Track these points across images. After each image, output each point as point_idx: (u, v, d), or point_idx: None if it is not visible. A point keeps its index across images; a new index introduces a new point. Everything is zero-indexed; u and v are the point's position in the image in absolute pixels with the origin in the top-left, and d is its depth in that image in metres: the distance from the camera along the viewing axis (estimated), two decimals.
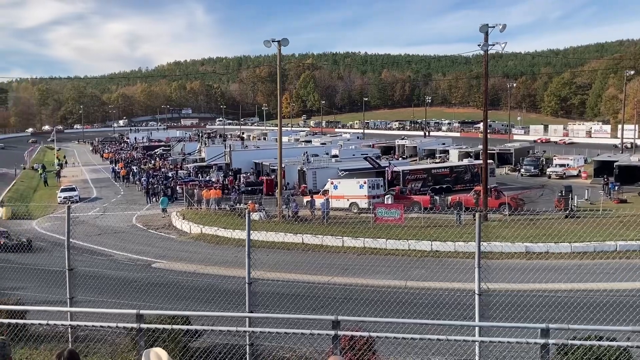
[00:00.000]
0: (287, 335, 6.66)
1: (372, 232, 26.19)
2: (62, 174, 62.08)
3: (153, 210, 38.15)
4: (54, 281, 11.51)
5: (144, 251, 25.17)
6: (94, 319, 7.39)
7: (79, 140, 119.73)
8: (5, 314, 7.43)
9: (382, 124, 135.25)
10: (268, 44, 31.97)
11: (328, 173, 42.60)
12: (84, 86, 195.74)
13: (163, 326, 6.67)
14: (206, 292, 14.72)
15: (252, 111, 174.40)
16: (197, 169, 55.79)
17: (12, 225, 33.93)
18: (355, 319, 6.79)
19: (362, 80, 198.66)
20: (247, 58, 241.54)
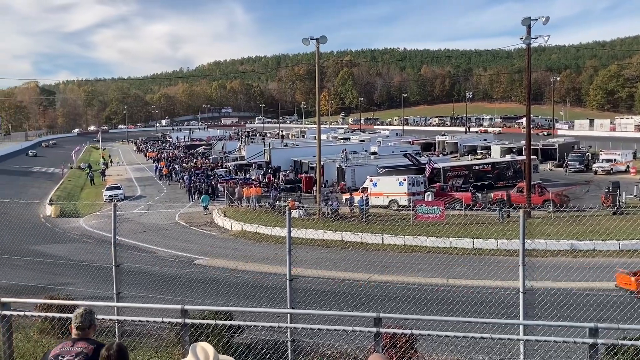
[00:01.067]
0: (329, 332, 6.67)
1: (412, 229, 25.98)
2: (107, 173, 63.81)
3: (195, 208, 38.79)
4: (101, 277, 11.86)
5: (186, 248, 25.65)
6: (139, 314, 7.58)
7: (123, 139, 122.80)
8: (56, 309, 7.69)
9: (421, 120, 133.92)
10: (306, 42, 32.03)
11: (367, 170, 42.44)
12: (128, 87, 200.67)
13: (207, 321, 6.78)
14: (247, 288, 14.91)
15: (290, 109, 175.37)
16: (237, 167, 56.47)
17: (60, 223, 35.12)
18: (396, 316, 6.75)
19: (401, 77, 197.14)
20: (286, 56, 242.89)
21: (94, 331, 4.36)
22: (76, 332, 4.23)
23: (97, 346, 4.14)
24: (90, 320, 4.30)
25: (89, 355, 4.04)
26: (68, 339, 4.23)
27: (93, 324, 4.34)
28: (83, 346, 4.10)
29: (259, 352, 7.39)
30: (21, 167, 69.08)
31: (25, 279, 15.44)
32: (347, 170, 44.27)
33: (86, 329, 4.26)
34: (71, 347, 4.11)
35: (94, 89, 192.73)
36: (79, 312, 4.29)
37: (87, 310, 4.35)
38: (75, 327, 4.24)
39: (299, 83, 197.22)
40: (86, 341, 4.18)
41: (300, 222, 29.02)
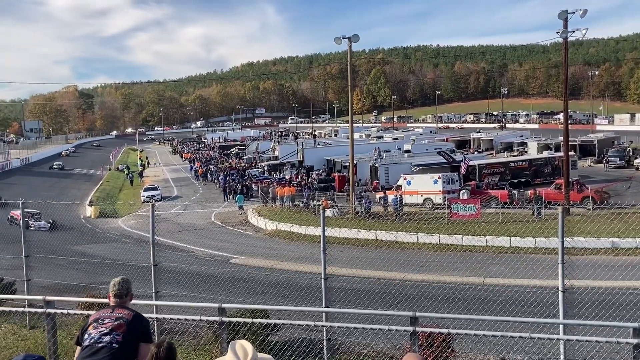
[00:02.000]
0: (365, 331, 6.67)
1: (447, 228, 25.70)
2: (144, 174, 65.11)
3: (230, 207, 39.25)
4: (139, 276, 12.11)
5: (222, 247, 25.98)
6: (177, 312, 7.72)
7: (159, 141, 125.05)
8: (97, 307, 7.89)
9: (455, 117, 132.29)
10: (338, 41, 32.03)
11: (401, 168, 42.19)
12: (163, 89, 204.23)
13: (244, 319, 6.86)
14: (282, 287, 15.00)
15: (323, 108, 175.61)
16: (270, 167, 56.89)
17: (99, 223, 36.00)
18: (433, 315, 6.71)
19: (434, 74, 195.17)
20: (318, 56, 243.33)
21: (130, 300, 4.52)
22: (114, 300, 4.39)
23: (135, 314, 4.33)
24: (128, 288, 4.46)
25: (129, 321, 4.20)
26: (107, 308, 4.38)
27: (130, 293, 4.49)
28: (122, 312, 4.26)
29: (294, 350, 7.44)
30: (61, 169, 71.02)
31: (68, 278, 15.89)
32: (381, 169, 44.08)
33: (124, 297, 4.42)
34: (110, 312, 4.26)
35: (130, 92, 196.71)
36: (117, 280, 4.46)
37: (125, 279, 4.52)
38: (113, 295, 4.40)
39: (331, 82, 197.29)
40: (125, 309, 4.34)
41: (333, 221, 29.03)
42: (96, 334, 4.11)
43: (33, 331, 9.71)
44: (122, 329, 4.12)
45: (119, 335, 4.08)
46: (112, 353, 4.03)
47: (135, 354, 4.11)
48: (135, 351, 4.12)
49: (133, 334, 4.12)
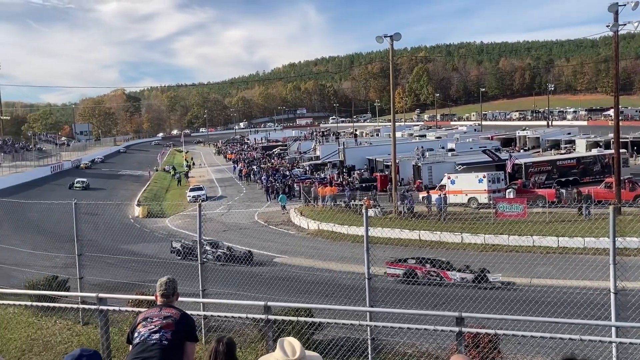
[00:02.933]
0: (410, 331, 6.65)
1: (492, 228, 25.26)
2: (190, 174, 66.44)
3: (273, 207, 39.62)
4: (186, 274, 12.39)
5: (265, 246, 26.27)
6: (224, 310, 7.87)
7: (204, 142, 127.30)
8: (146, 304, 8.12)
9: (500, 114, 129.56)
10: (380, 40, 31.90)
11: (444, 167, 41.67)
12: (208, 92, 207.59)
13: (289, 318, 6.94)
14: (325, 286, 15.07)
15: (364, 108, 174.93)
16: (312, 166, 57.09)
17: (147, 223, 36.94)
18: (479, 315, 6.63)
19: (478, 71, 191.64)
20: (359, 55, 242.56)
21: (177, 299, 4.61)
22: (161, 300, 4.51)
23: (182, 313, 4.44)
24: (174, 288, 4.56)
25: (176, 320, 4.31)
26: (154, 307, 4.51)
27: (176, 292, 4.59)
28: (170, 311, 4.38)
29: (339, 349, 7.48)
30: (111, 170, 73.23)
31: (118, 276, 16.38)
32: (424, 168, 43.64)
33: (170, 296, 4.52)
34: (159, 311, 4.38)
35: (176, 94, 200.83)
36: (163, 280, 4.56)
37: (171, 278, 4.62)
38: (160, 295, 4.51)
39: (373, 81, 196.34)
40: (172, 308, 4.45)
41: (376, 220, 28.92)
42: (146, 332, 4.25)
43: (86, 327, 10.06)
44: (171, 328, 4.24)
45: (168, 333, 4.21)
46: (161, 350, 4.16)
47: (182, 352, 4.24)
48: (182, 349, 4.24)
49: (180, 332, 4.25)
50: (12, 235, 24.84)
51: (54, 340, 9.52)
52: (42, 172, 59.41)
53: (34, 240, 25.76)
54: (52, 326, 10.23)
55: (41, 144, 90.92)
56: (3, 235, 24.57)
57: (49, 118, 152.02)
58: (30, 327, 10.17)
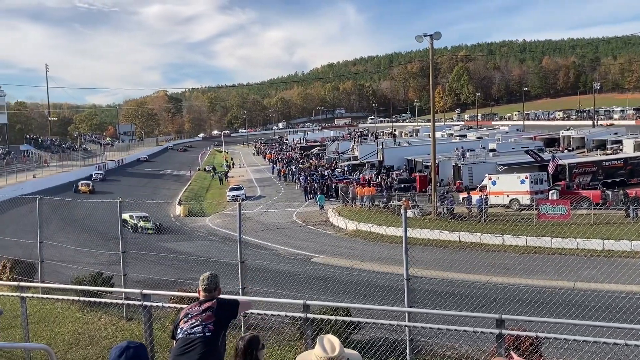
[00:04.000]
0: (449, 333, 6.58)
1: (534, 230, 24.72)
2: (229, 174, 67.36)
3: (311, 207, 39.77)
4: (226, 272, 12.56)
5: (303, 246, 26.39)
6: (263, 308, 7.96)
7: (243, 143, 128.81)
8: (188, 301, 8.29)
9: (543, 114, 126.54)
10: (420, 39, 31.65)
11: (485, 168, 41.03)
12: (247, 92, 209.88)
13: (328, 317, 6.97)
14: (363, 287, 15.04)
15: (403, 107, 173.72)
16: (350, 167, 57.04)
17: (188, 221, 37.61)
18: (520, 318, 6.51)
19: (520, 70, 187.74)
20: (398, 55, 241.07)
21: (219, 295, 4.70)
22: (204, 294, 4.59)
23: (219, 300, 4.57)
24: (216, 282, 4.64)
25: (214, 308, 4.44)
26: (195, 302, 4.62)
27: (218, 287, 4.68)
28: (208, 304, 4.49)
29: (377, 350, 7.47)
30: (153, 170, 74.89)
31: (160, 273, 16.75)
32: (464, 169, 43.07)
33: (212, 291, 4.61)
34: (199, 306, 4.50)
35: (216, 95, 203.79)
36: (206, 275, 4.66)
37: (213, 274, 4.72)
38: (202, 289, 4.60)
39: (412, 81, 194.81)
40: (211, 300, 4.55)
41: (415, 221, 28.69)
42: (188, 327, 4.37)
43: (129, 323, 10.33)
44: (212, 319, 4.36)
45: (210, 324, 4.33)
46: (204, 341, 4.27)
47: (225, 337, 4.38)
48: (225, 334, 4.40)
49: (222, 320, 4.38)
50: (58, 233, 25.67)
51: (99, 335, 9.81)
52: (88, 172, 61.21)
53: (79, 237, 26.57)
54: (97, 321, 10.54)
55: (87, 144, 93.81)
56: (50, 233, 25.42)
57: (94, 119, 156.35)
58: (77, 321, 10.51)
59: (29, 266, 14.17)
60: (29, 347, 8.41)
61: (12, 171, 50.10)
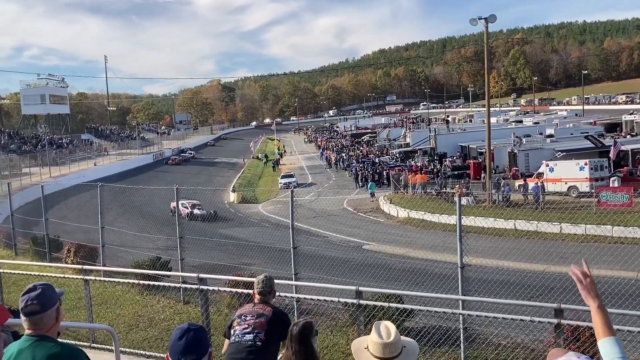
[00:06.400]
0: (504, 322, 6.46)
1: (594, 218, 23.82)
2: (281, 162, 68.05)
3: (362, 194, 39.71)
4: (279, 258, 12.74)
5: (354, 233, 26.40)
6: (316, 293, 8.03)
7: (294, 130, 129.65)
8: (242, 285, 8.46)
9: (605, 98, 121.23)
10: (474, 22, 30.88)
11: (542, 154, 39.79)
12: (298, 80, 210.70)
13: (381, 303, 6.97)
14: (416, 274, 14.91)
15: (456, 93, 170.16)
16: (402, 154, 56.48)
17: (241, 208, 38.27)
18: (580, 308, 6.29)
19: (580, 52, 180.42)
20: (452, 39, 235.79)
21: (273, 297, 4.74)
22: (258, 297, 4.62)
23: (275, 310, 4.55)
24: (271, 285, 4.67)
25: (269, 317, 4.43)
26: (251, 302, 4.67)
27: (273, 290, 4.71)
28: (264, 309, 4.50)
29: (430, 337, 7.41)
30: (208, 157, 76.51)
31: (215, 258, 17.11)
32: (520, 155, 41.91)
33: (267, 295, 4.63)
34: (252, 308, 4.53)
35: (268, 83, 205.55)
36: (261, 278, 4.70)
37: (268, 276, 4.75)
38: (257, 292, 4.63)
39: (466, 65, 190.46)
40: (267, 305, 4.57)
41: (468, 209, 28.18)
42: (240, 331, 4.40)
43: (186, 306, 10.64)
44: (264, 328, 4.36)
45: (262, 333, 4.34)
46: (254, 351, 4.30)
47: (277, 349, 4.35)
48: (276, 347, 4.36)
49: (274, 333, 4.34)
50: (118, 219, 26.65)
51: (157, 317, 10.15)
52: (145, 160, 63.10)
53: (138, 223, 27.51)
54: (156, 304, 10.90)
55: (144, 133, 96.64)
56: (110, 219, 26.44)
57: (150, 108, 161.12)
58: (137, 304, 10.90)
59: (91, 250, 14.76)
60: (93, 327, 8.81)
61: (74, 159, 52.24)
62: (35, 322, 2.90)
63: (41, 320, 2.90)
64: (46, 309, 2.91)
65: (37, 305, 2.89)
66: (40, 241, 16.25)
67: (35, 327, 2.90)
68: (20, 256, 16.38)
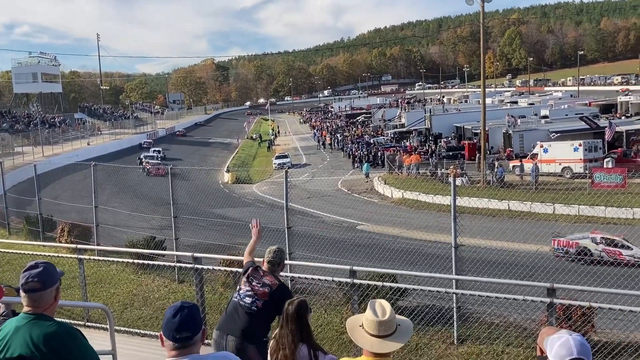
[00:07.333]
0: (497, 301, 6.50)
1: (588, 199, 23.96)
2: (275, 142, 67.86)
3: (356, 175, 39.70)
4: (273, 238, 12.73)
5: (349, 214, 26.45)
6: (310, 273, 8.06)
7: (289, 111, 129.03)
8: (237, 265, 8.48)
9: (600, 79, 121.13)
10: (470, 2, 30.73)
11: (537, 135, 39.86)
12: (293, 60, 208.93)
13: (375, 283, 7.00)
14: (410, 254, 14.98)
15: (452, 73, 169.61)
16: (397, 134, 56.41)
17: (236, 188, 38.22)
18: (572, 287, 6.37)
19: (576, 32, 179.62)
20: (447, 19, 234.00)
21: (282, 270, 4.84)
22: (267, 266, 4.70)
23: (280, 284, 4.65)
24: (281, 257, 4.76)
25: (273, 289, 4.54)
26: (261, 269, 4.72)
27: (282, 262, 4.80)
28: (270, 280, 4.60)
29: (424, 316, 7.47)
30: (202, 138, 76.19)
31: (209, 238, 17.12)
32: (515, 136, 41.97)
33: (275, 266, 4.72)
34: (261, 276, 4.62)
35: (262, 63, 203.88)
36: (273, 249, 4.78)
37: (280, 248, 4.85)
38: (267, 262, 4.71)
39: (462, 45, 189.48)
40: (274, 277, 4.65)
41: (463, 190, 28.23)
42: (243, 292, 4.57)
43: (181, 285, 10.66)
44: (265, 297, 4.50)
45: (260, 301, 4.48)
46: (249, 314, 4.47)
47: (270, 320, 4.50)
48: (270, 318, 4.49)
49: (272, 305, 4.44)
50: (112, 198, 26.57)
51: (152, 296, 10.17)
52: (139, 139, 62.79)
53: (132, 203, 27.43)
54: (150, 283, 10.92)
55: (137, 112, 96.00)
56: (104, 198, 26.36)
57: (144, 87, 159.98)
58: (131, 283, 10.91)
59: (85, 230, 14.74)
60: (88, 305, 8.83)
61: (67, 139, 51.86)
62: (35, 300, 2.91)
63: (41, 298, 2.92)
64: (46, 287, 2.93)
65: (38, 282, 2.90)
66: (34, 220, 16.20)
67: (34, 304, 2.92)
68: (14, 235, 16.34)
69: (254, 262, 4.83)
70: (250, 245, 5.14)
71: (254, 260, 4.88)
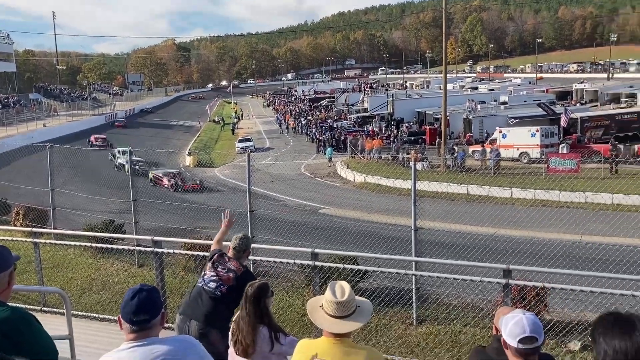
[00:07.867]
0: (455, 282, 6.66)
1: (543, 183, 24.66)
2: (238, 126, 67.24)
3: (319, 159, 39.78)
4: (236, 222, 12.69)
5: (311, 197, 26.53)
6: (272, 256, 8.08)
7: (252, 94, 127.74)
8: (199, 248, 8.43)
9: (557, 67, 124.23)
10: None
11: (496, 121, 40.64)
12: (256, 42, 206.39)
13: (336, 265, 7.07)
14: (370, 237, 15.17)
15: (414, 59, 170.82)
16: (360, 119, 56.63)
17: (197, 172, 37.79)
18: (527, 268, 6.56)
19: (535, 20, 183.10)
20: (411, 4, 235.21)
21: (247, 257, 4.89)
22: (232, 252, 4.75)
23: (245, 270, 4.70)
24: (247, 245, 4.81)
25: (238, 275, 4.58)
26: (227, 255, 4.75)
27: (248, 250, 4.85)
28: (235, 265, 4.65)
29: (383, 297, 7.60)
30: (163, 120, 74.76)
31: (170, 222, 16.92)
32: (475, 121, 42.69)
33: (240, 252, 4.76)
34: (226, 262, 4.67)
35: (225, 45, 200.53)
36: (239, 236, 4.83)
37: (247, 236, 4.92)
38: (232, 248, 4.76)
39: (424, 31, 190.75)
40: (239, 263, 4.70)
41: (423, 174, 28.58)
42: (207, 277, 4.60)
43: (141, 269, 10.54)
44: (229, 282, 4.54)
45: (224, 287, 4.53)
46: (213, 299, 4.52)
47: (234, 305, 4.47)
48: (234, 303, 4.47)
49: (235, 291, 4.45)
50: (70, 181, 25.90)
51: (111, 280, 10.03)
52: (97, 121, 61.22)
53: (90, 186, 26.79)
54: (109, 267, 10.75)
55: (96, 93, 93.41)
56: (61, 182, 25.68)
57: (102, 68, 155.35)
58: (90, 267, 10.72)
59: (41, 213, 14.37)
60: (45, 290, 8.64)
61: (22, 120, 50.20)
62: None
63: None
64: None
65: None
66: None
67: None
68: None
69: (221, 250, 4.83)
70: (218, 234, 5.17)
71: (220, 248, 4.88)
